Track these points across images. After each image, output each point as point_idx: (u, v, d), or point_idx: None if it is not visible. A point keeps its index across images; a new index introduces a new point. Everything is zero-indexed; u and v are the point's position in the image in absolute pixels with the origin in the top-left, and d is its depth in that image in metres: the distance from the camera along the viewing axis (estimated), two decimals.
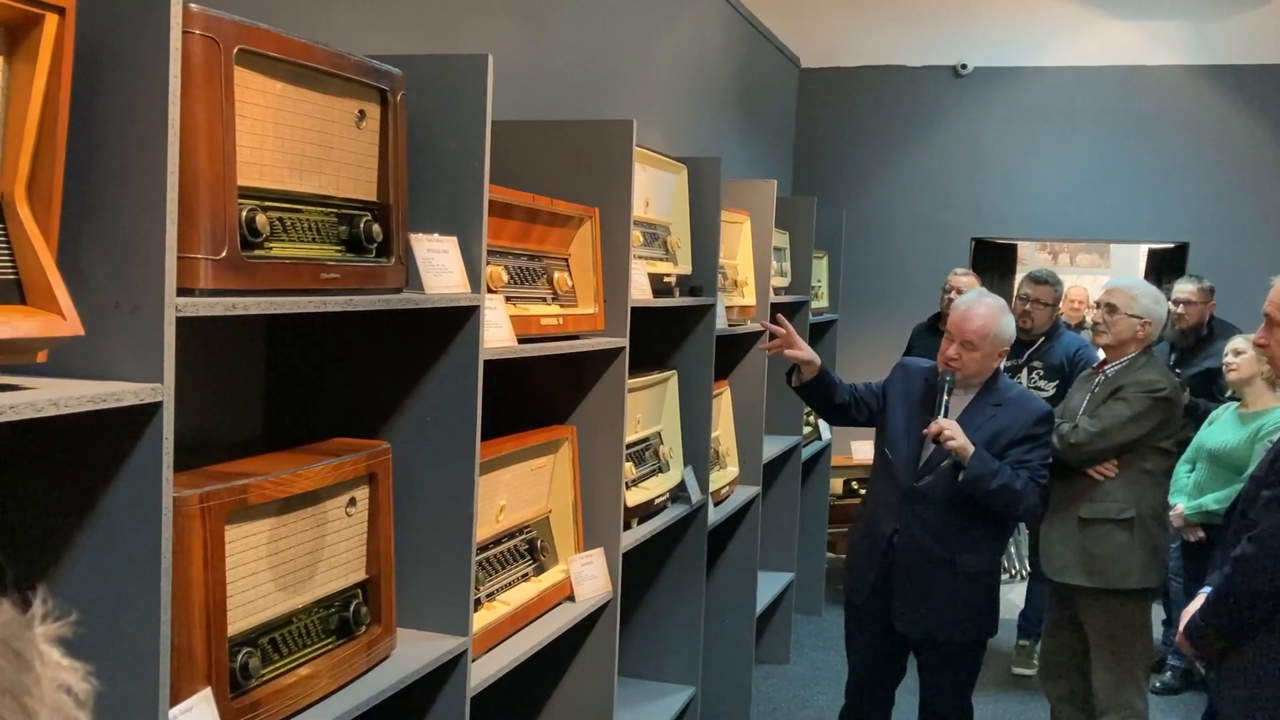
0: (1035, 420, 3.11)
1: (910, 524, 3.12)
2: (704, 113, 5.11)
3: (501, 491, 2.36)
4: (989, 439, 3.06)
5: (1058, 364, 4.52)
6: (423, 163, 1.96)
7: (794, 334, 3.20)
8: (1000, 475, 2.99)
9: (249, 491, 1.54)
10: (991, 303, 3.16)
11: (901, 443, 3.17)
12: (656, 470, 3.22)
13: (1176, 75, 6.49)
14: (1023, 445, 3.08)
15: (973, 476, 2.98)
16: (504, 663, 2.19)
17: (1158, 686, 4.71)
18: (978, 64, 6.75)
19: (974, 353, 3.09)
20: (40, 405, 1.12)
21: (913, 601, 3.13)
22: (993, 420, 3.10)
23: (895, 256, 6.79)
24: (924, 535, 3.10)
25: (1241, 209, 6.40)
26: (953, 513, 3.09)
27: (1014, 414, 3.12)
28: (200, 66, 1.39)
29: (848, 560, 3.38)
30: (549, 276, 2.50)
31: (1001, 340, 3.13)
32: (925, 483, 3.10)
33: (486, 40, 3.07)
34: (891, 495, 3.17)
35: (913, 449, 3.14)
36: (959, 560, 3.10)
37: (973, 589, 3.13)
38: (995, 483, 2.98)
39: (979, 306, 3.13)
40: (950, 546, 3.10)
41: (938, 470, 3.09)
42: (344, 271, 1.67)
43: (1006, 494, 2.99)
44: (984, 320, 3.09)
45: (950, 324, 3.15)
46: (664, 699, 3.42)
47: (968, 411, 3.13)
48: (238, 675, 1.52)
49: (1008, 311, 3.18)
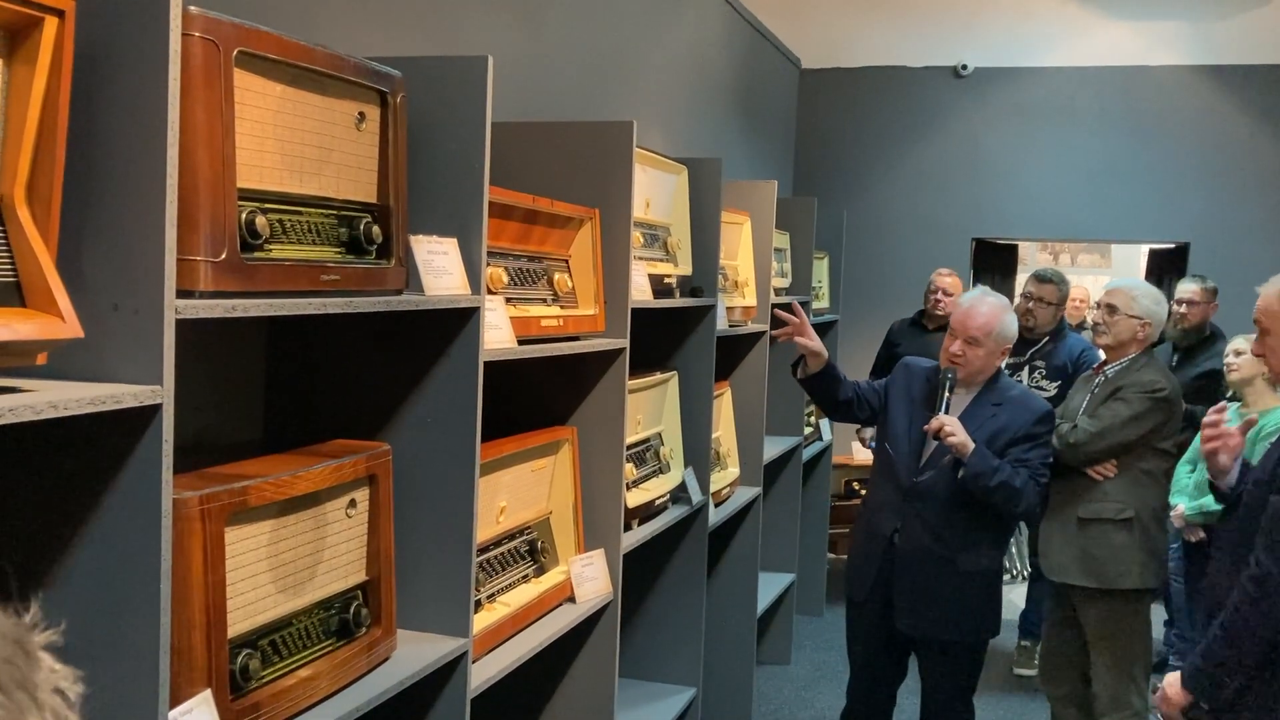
0: (1036, 419, 3.12)
1: (911, 523, 3.12)
2: (704, 113, 5.11)
3: (502, 493, 2.36)
4: (989, 437, 3.06)
5: (1061, 365, 4.51)
6: (423, 164, 1.96)
7: (806, 323, 3.22)
8: (1000, 473, 2.99)
9: (249, 493, 1.54)
10: (994, 300, 3.17)
11: (902, 440, 3.18)
12: (657, 471, 3.22)
13: (1177, 75, 6.49)
14: (1023, 444, 3.09)
15: (973, 473, 2.99)
16: (504, 664, 2.19)
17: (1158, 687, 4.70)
18: (978, 64, 6.75)
19: (977, 349, 3.10)
20: (40, 408, 1.12)
21: (914, 600, 3.13)
22: (994, 419, 3.11)
23: (896, 257, 6.79)
24: (925, 534, 3.11)
25: (1242, 209, 6.39)
26: (953, 511, 3.09)
27: (1015, 413, 3.12)
28: (200, 69, 1.39)
29: (849, 558, 3.39)
30: (549, 278, 2.50)
31: (1004, 338, 3.14)
32: (926, 479, 3.11)
33: (486, 41, 3.07)
34: (892, 494, 3.17)
35: (913, 447, 3.15)
36: (959, 559, 3.10)
37: (973, 588, 3.13)
38: (995, 480, 2.98)
39: (982, 304, 3.14)
40: (951, 545, 3.10)
41: (938, 467, 3.09)
42: (344, 273, 1.67)
43: (1006, 491, 3.00)
44: (987, 317, 3.10)
45: (954, 321, 3.16)
46: (665, 700, 3.42)
47: (969, 410, 3.13)
48: (238, 677, 1.52)
49: (1010, 310, 3.20)
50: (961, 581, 3.11)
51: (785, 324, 3.23)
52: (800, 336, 3.21)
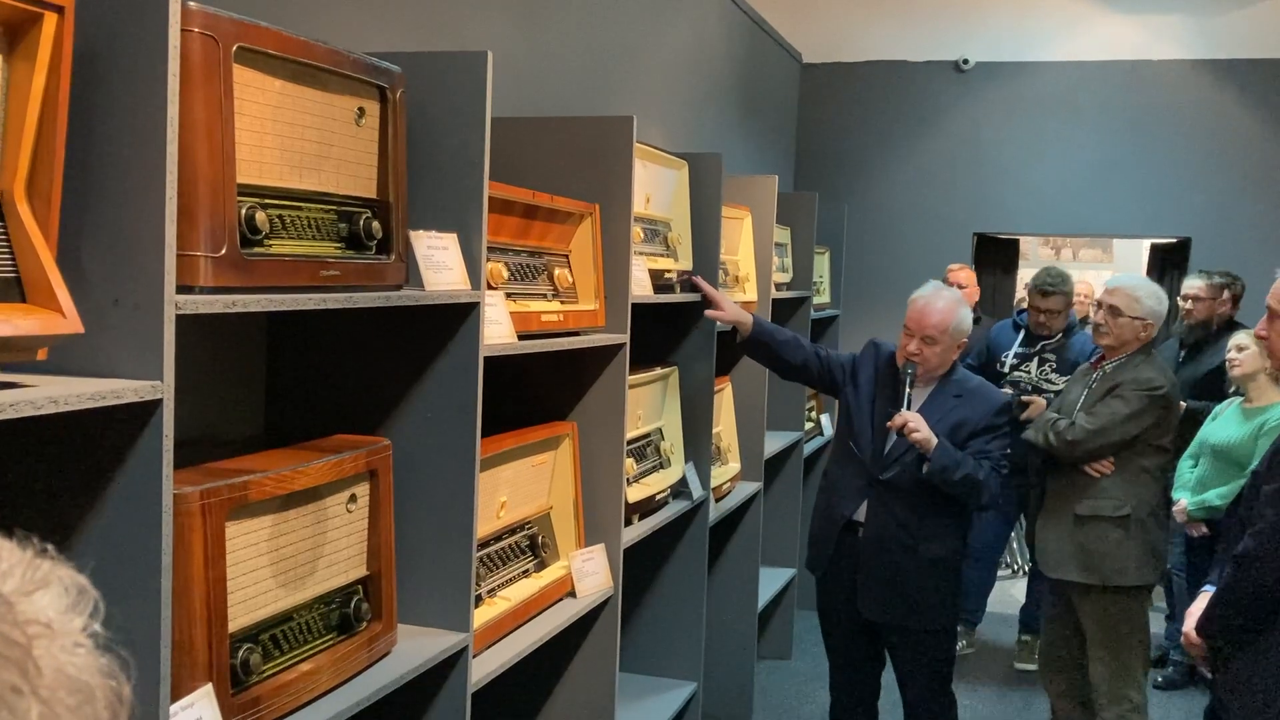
0: (994, 411, 3.18)
1: (877, 512, 3.15)
2: (705, 108, 5.11)
3: (502, 488, 2.37)
4: (951, 429, 3.10)
5: (1073, 361, 4.48)
6: (422, 159, 1.96)
7: (714, 295, 3.27)
8: (963, 466, 3.04)
9: (250, 488, 1.54)
10: (949, 295, 3.19)
11: (865, 433, 3.21)
12: (658, 466, 3.22)
13: (1179, 70, 6.47)
14: (983, 436, 3.14)
15: (938, 468, 3.03)
16: (505, 659, 2.20)
17: (1159, 681, 4.71)
18: (979, 59, 6.74)
19: (934, 347, 3.13)
20: (40, 403, 1.13)
21: (878, 588, 3.18)
22: (955, 411, 3.14)
23: (897, 252, 6.78)
24: (890, 523, 3.15)
25: (1244, 204, 6.38)
26: (917, 502, 3.13)
27: (975, 405, 3.17)
28: (199, 64, 1.39)
29: (810, 531, 3.42)
30: (549, 273, 2.50)
31: (961, 332, 3.17)
32: (890, 475, 3.13)
33: (486, 37, 3.07)
34: (854, 478, 3.21)
35: (877, 440, 3.17)
36: (922, 547, 3.14)
37: (935, 576, 3.18)
38: (959, 473, 3.03)
39: (937, 301, 3.15)
40: (915, 534, 3.14)
41: (902, 461, 3.11)
42: (344, 269, 1.67)
43: (969, 484, 3.05)
44: (943, 314, 3.12)
45: (910, 319, 3.15)
46: (666, 694, 3.42)
47: (929, 402, 3.17)
48: (239, 671, 1.52)
49: (965, 304, 3.22)
50: (923, 568, 3.15)
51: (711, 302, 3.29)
52: (708, 310, 3.27)
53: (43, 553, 0.59)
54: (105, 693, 0.55)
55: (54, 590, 0.57)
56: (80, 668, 0.55)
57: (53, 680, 0.52)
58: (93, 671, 0.55)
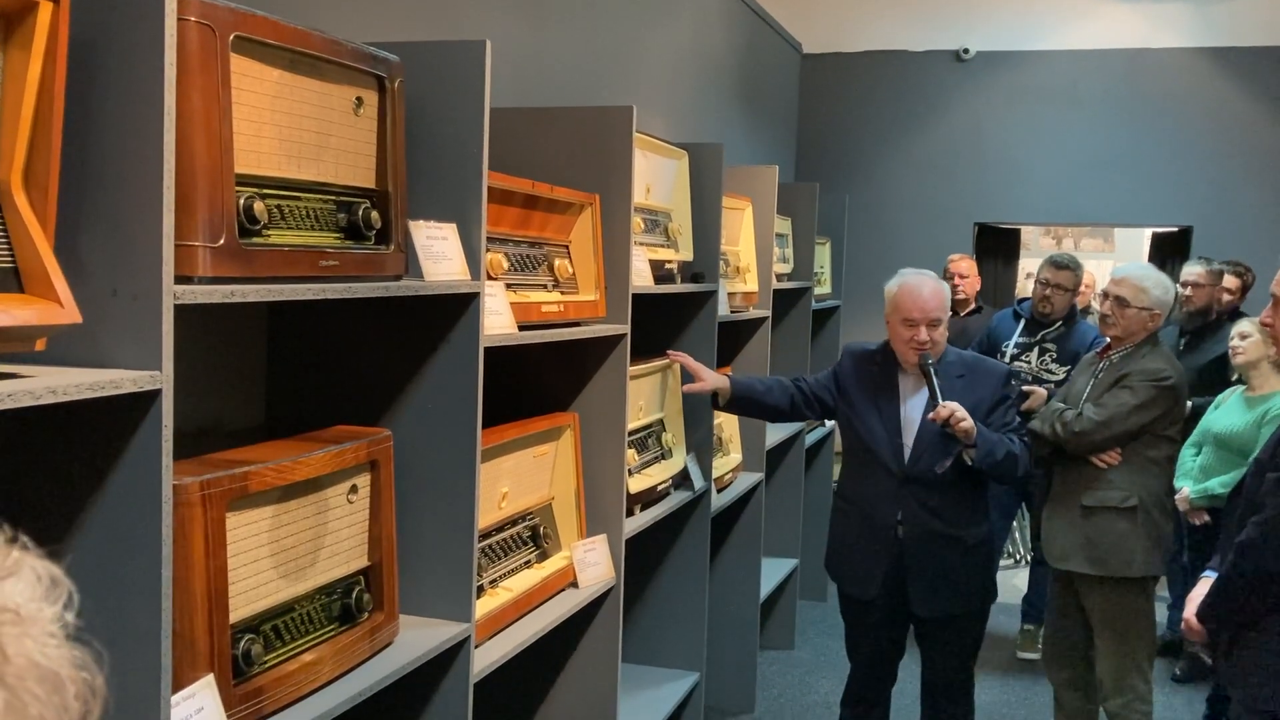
0: (1002, 381, 3.22)
1: (913, 510, 3.12)
2: (705, 98, 5.10)
3: (504, 478, 2.37)
4: (971, 410, 3.07)
5: (1074, 351, 4.47)
6: (421, 150, 1.95)
7: (694, 367, 3.21)
8: (1002, 444, 3.07)
9: (250, 479, 1.54)
10: (931, 276, 3.21)
11: (880, 436, 3.16)
12: (659, 457, 3.22)
13: (1180, 58, 6.46)
14: (999, 408, 3.17)
15: (985, 453, 3.03)
16: (507, 649, 2.20)
17: (1177, 674, 4.72)
18: (980, 48, 6.73)
19: (940, 327, 3.14)
20: (38, 393, 1.12)
21: (930, 584, 3.15)
22: (967, 391, 3.13)
23: (898, 242, 6.78)
24: (929, 518, 3.12)
25: (1245, 192, 6.37)
26: (949, 489, 3.12)
27: (982, 381, 3.18)
28: (196, 54, 1.39)
29: (841, 555, 3.31)
30: (549, 263, 2.49)
31: (948, 308, 3.20)
32: (920, 468, 3.11)
33: (485, 26, 3.06)
34: (884, 484, 3.15)
35: (893, 438, 3.15)
36: (963, 534, 3.14)
37: (977, 558, 3.20)
38: (1001, 452, 3.05)
39: (930, 283, 3.16)
40: (954, 523, 3.13)
41: (930, 451, 3.09)
42: (343, 259, 1.67)
43: (1010, 460, 3.07)
44: (939, 295, 3.15)
45: (912, 310, 3.09)
46: (668, 685, 3.43)
47: (942, 389, 3.14)
48: (240, 662, 1.52)
49: (940, 278, 3.26)
50: (967, 555, 3.16)
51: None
52: (686, 385, 3.23)
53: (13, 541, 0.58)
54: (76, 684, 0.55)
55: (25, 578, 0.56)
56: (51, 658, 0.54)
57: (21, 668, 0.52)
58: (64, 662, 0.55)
